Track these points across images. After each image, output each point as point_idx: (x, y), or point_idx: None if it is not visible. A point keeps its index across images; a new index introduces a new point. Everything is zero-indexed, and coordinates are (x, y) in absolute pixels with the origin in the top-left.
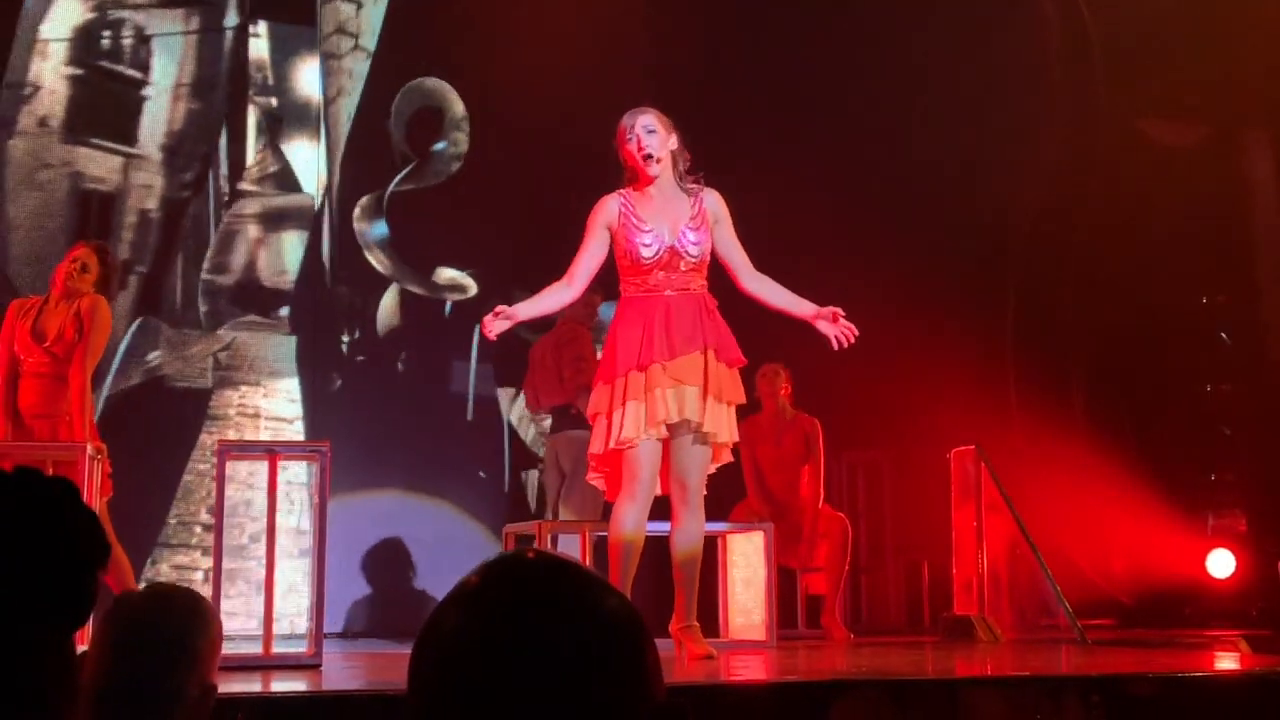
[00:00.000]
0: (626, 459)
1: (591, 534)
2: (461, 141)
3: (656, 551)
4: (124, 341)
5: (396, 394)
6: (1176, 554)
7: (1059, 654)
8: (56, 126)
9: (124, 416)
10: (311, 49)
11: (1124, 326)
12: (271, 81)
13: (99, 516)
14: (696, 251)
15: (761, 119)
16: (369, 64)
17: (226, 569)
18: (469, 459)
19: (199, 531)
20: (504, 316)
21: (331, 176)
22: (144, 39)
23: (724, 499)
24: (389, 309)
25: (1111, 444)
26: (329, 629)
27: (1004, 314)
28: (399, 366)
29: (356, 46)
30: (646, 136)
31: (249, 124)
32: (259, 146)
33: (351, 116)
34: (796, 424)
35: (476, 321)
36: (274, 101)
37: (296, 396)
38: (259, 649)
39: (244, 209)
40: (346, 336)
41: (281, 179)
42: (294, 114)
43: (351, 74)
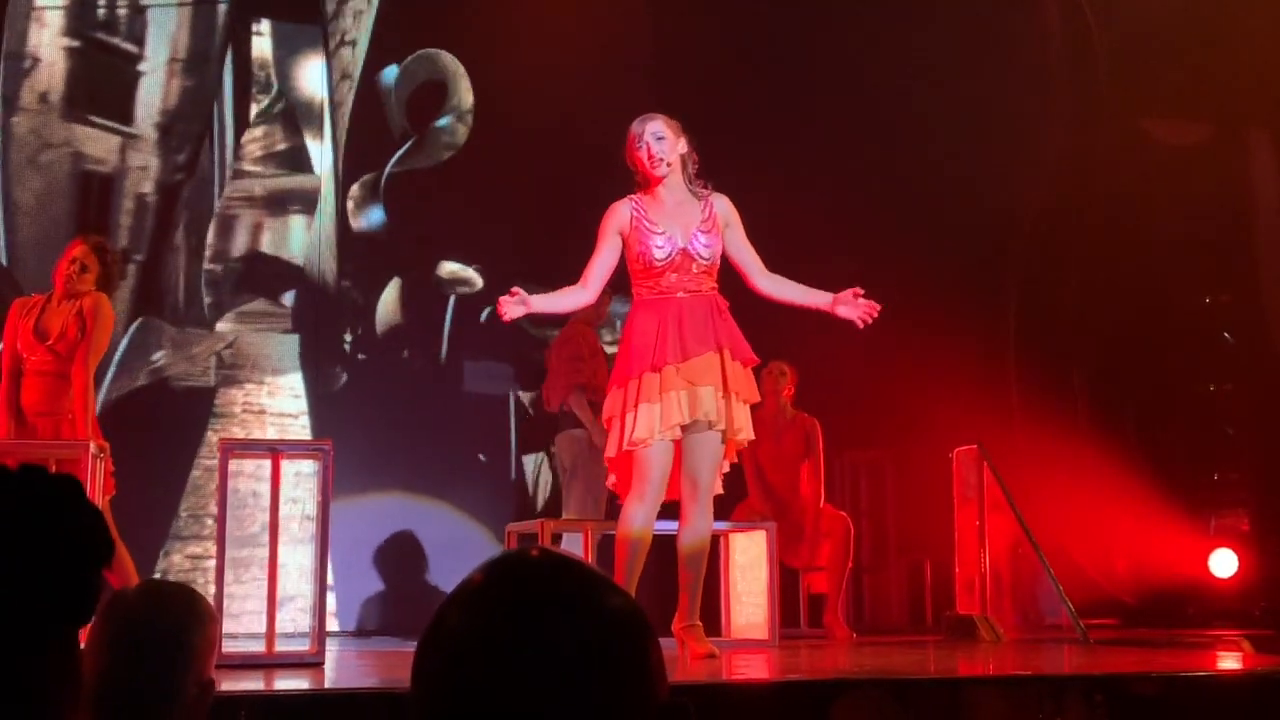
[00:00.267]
0: (637, 459)
1: (595, 533)
2: (461, 133)
3: (659, 551)
4: (124, 340)
5: (401, 389)
6: (1179, 554)
7: (1061, 654)
8: (56, 102)
9: (130, 416)
10: (314, 46)
11: (1126, 326)
12: (274, 80)
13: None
14: (708, 254)
15: (762, 118)
16: (365, 57)
17: (239, 558)
18: (474, 456)
19: (210, 524)
20: (519, 301)
21: (337, 165)
22: (139, 9)
23: (726, 499)
24: (390, 305)
25: (1114, 443)
26: (342, 627)
27: (1006, 313)
28: (403, 359)
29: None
30: (656, 143)
31: (250, 101)
32: (261, 124)
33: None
34: (796, 423)
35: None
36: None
37: (301, 393)
38: (261, 647)
39: (243, 191)
40: (349, 336)
41: (286, 159)
42: (298, 111)
43: (354, 76)
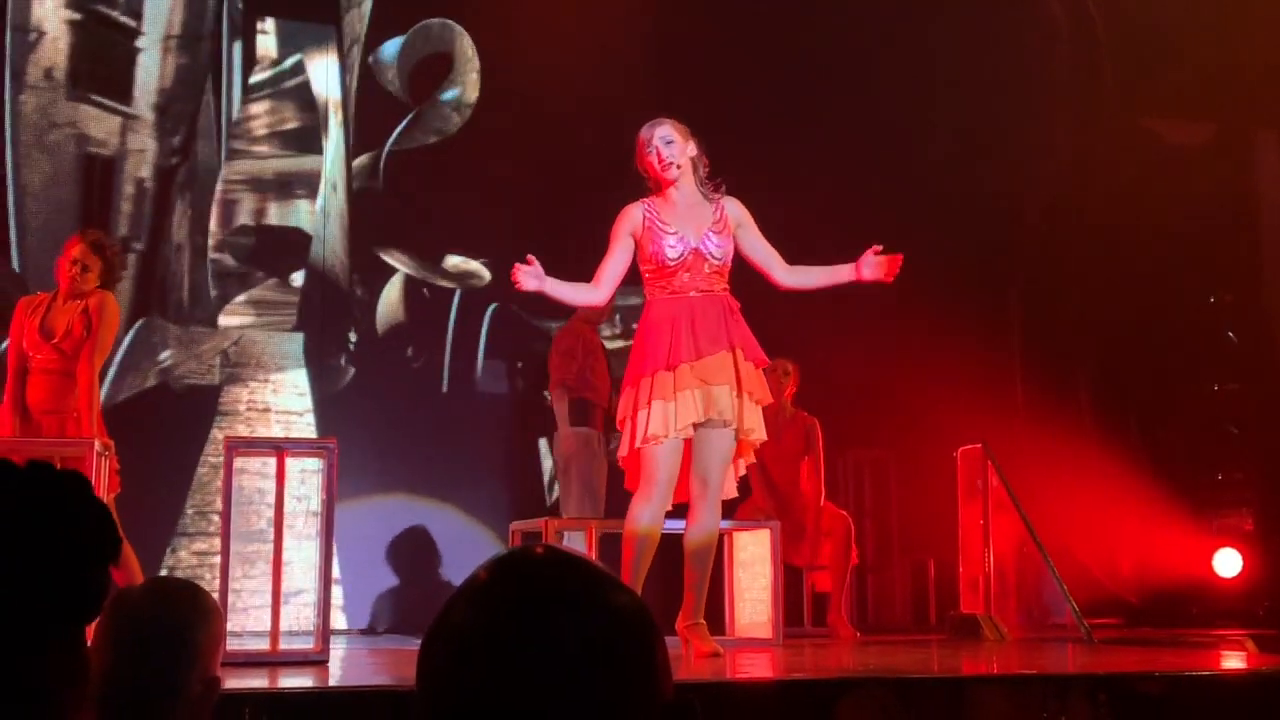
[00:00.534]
0: (646, 457)
1: (598, 531)
2: (468, 102)
3: (664, 549)
4: (128, 339)
5: (406, 386)
6: (1183, 553)
7: (1065, 653)
8: (61, 79)
9: (135, 414)
10: (319, 45)
11: (1130, 325)
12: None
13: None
14: (720, 254)
15: (764, 117)
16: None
17: (245, 553)
18: (479, 453)
19: (215, 520)
20: (536, 275)
21: (347, 141)
22: None
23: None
24: (394, 302)
25: (1118, 443)
26: (354, 625)
27: (1010, 312)
28: (407, 356)
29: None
30: (665, 147)
31: (249, 76)
32: (264, 100)
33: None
34: (796, 421)
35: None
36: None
37: (305, 390)
38: (266, 645)
39: (243, 173)
40: (354, 334)
41: (292, 139)
42: (305, 89)
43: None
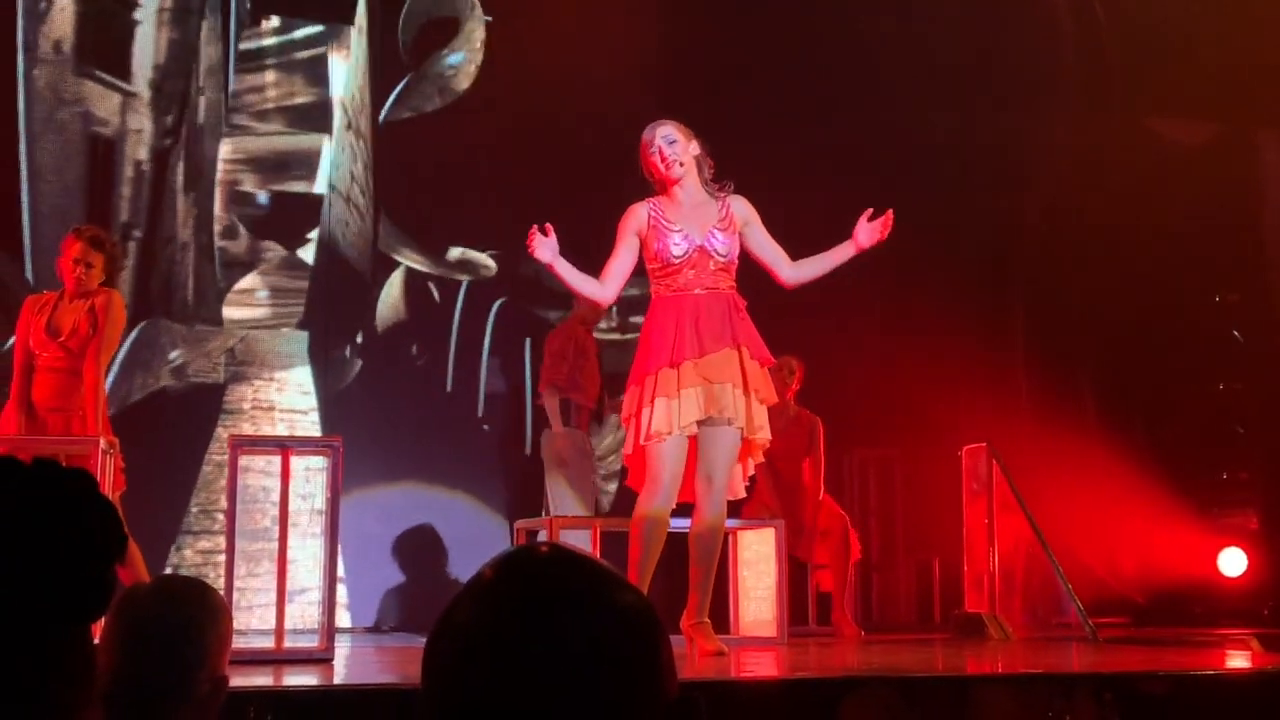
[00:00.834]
0: (651, 454)
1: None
2: (470, 67)
3: (668, 547)
4: (133, 337)
5: (410, 384)
6: (1188, 553)
7: (1070, 652)
8: (69, 52)
9: (140, 412)
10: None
11: (1135, 324)
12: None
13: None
14: (725, 252)
15: (767, 117)
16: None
17: (251, 551)
18: (485, 450)
19: (220, 518)
20: (551, 247)
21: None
22: None
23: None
24: (395, 298)
25: (1123, 442)
26: (361, 623)
27: (1015, 312)
28: (412, 353)
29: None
30: (668, 147)
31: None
32: (267, 72)
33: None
34: (799, 420)
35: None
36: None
37: (310, 389)
38: (271, 643)
39: (245, 152)
40: (361, 336)
41: (298, 115)
42: (310, 61)
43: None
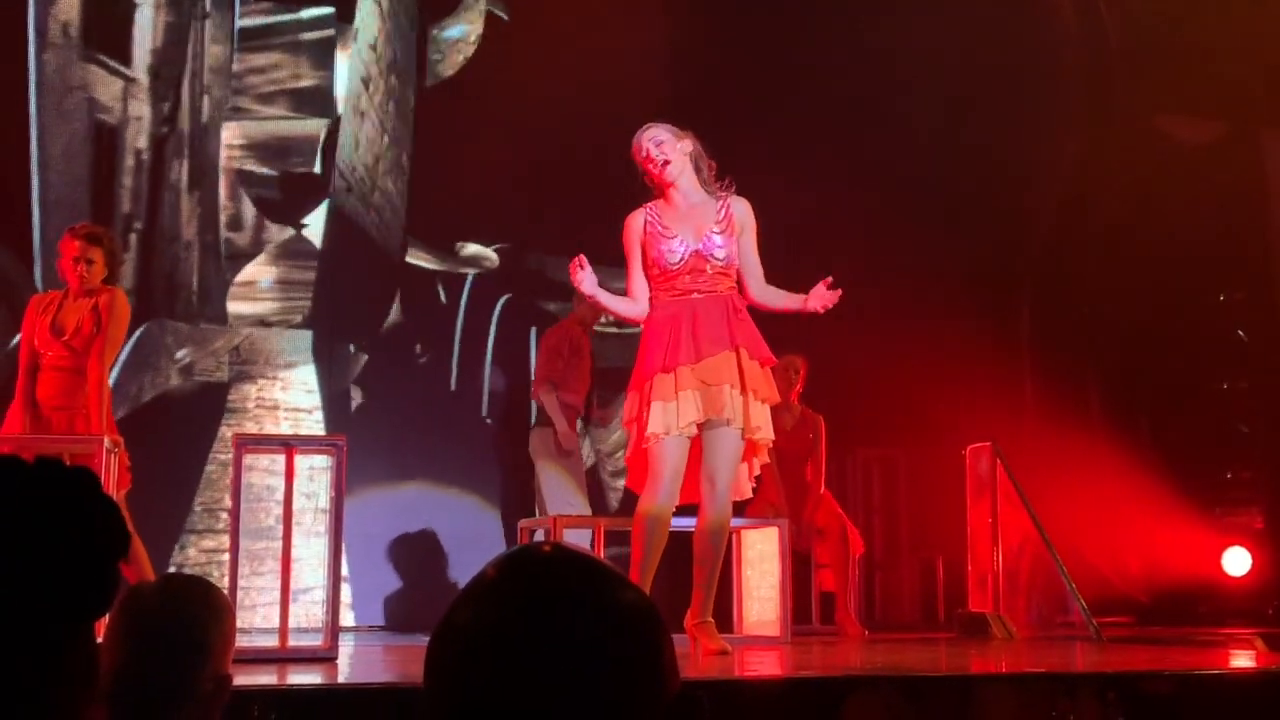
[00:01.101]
0: (650, 454)
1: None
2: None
3: (672, 547)
4: (134, 337)
5: (414, 384)
6: (1192, 552)
7: (1074, 651)
8: (75, 36)
9: (145, 412)
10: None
11: (1140, 323)
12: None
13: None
14: (722, 254)
15: (774, 116)
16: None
17: (255, 550)
18: (489, 449)
19: (224, 517)
20: (591, 279)
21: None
22: None
23: None
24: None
25: (1127, 441)
26: (362, 622)
27: (1020, 311)
28: (415, 351)
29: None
30: (655, 148)
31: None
32: (269, 53)
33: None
34: (803, 419)
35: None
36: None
37: (314, 388)
38: (275, 642)
39: (247, 137)
40: (365, 334)
41: (302, 98)
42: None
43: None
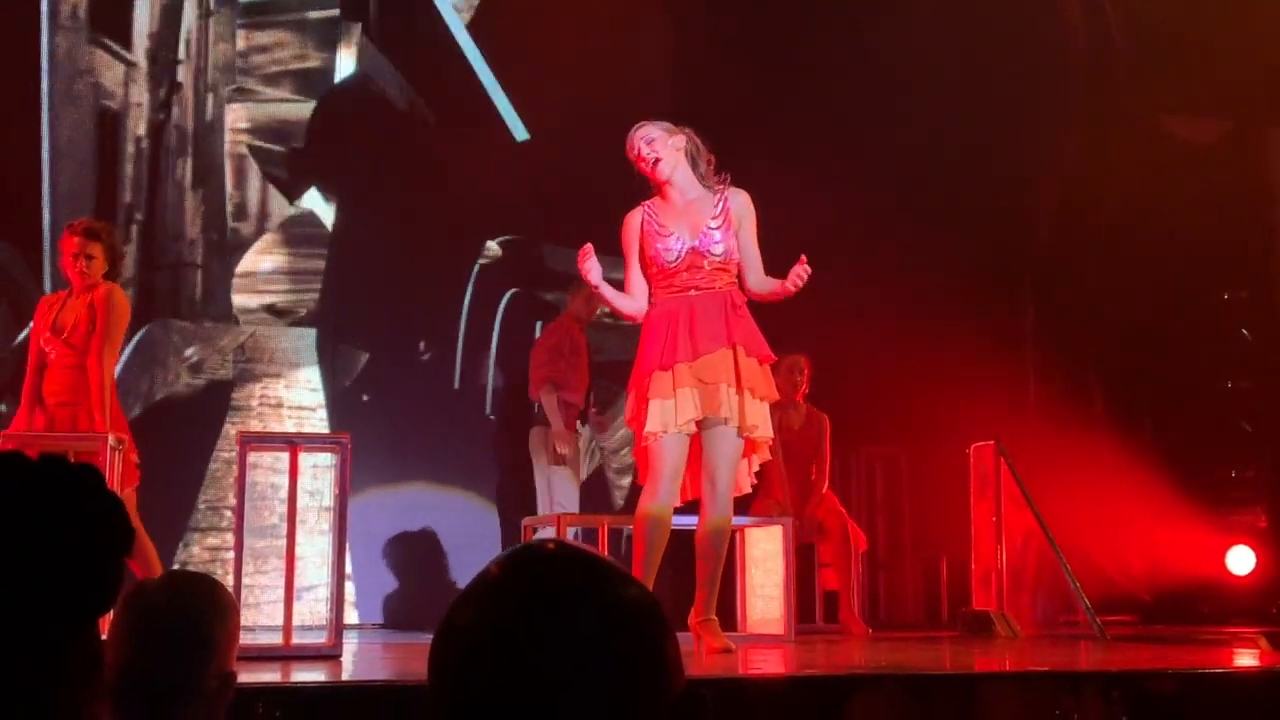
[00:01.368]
0: (650, 452)
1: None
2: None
3: (675, 545)
4: (137, 337)
5: (418, 383)
6: (1196, 551)
7: (1078, 650)
8: (84, 18)
9: (149, 411)
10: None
11: (1144, 322)
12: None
13: (124, 503)
14: (720, 250)
15: (776, 116)
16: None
17: (259, 548)
18: (493, 448)
19: (228, 515)
20: (597, 271)
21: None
22: None
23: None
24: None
25: (1131, 440)
26: (360, 619)
27: (1023, 309)
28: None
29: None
30: (645, 146)
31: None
32: (271, 32)
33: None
34: (808, 419)
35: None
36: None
37: (318, 386)
38: (279, 639)
39: (249, 121)
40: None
41: (302, 83)
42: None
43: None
